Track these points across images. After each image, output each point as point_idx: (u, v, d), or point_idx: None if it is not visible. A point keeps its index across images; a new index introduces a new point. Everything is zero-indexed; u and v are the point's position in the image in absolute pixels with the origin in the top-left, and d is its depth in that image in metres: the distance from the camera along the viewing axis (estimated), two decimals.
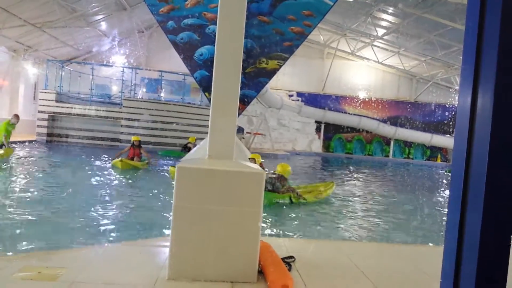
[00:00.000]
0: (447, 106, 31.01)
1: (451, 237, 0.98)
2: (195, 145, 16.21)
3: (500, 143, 0.91)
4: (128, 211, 7.66)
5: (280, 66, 7.35)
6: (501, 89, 0.92)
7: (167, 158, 16.86)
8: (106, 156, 14.62)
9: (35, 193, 8.58)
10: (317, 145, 29.69)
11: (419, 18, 20.97)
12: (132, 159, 12.78)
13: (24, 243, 5.12)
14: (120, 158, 12.40)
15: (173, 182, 10.50)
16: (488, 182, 0.91)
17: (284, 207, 8.92)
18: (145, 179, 11.67)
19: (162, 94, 23.61)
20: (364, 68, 31.52)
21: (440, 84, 30.82)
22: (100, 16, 22.39)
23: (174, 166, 11.68)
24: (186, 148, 16.93)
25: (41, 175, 11.01)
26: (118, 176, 11.38)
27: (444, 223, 8.30)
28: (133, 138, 13.46)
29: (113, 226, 6.48)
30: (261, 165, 9.76)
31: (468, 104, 0.98)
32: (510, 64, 0.93)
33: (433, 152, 30.48)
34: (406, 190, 14.60)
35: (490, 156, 0.91)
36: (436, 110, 31.19)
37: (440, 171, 24.25)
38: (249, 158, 9.44)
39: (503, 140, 0.91)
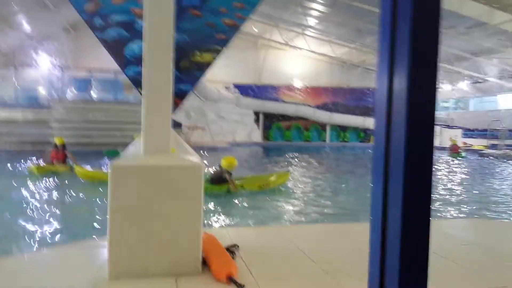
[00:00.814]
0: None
1: (376, 210, 1.04)
2: None
3: (416, 119, 0.97)
4: (54, 216, 7.32)
5: (215, 59, 7.29)
6: (414, 71, 0.98)
7: (102, 159, 16.17)
8: (32, 161, 13.57)
9: None
10: (256, 135, 29.96)
11: (348, 6, 21.66)
12: (52, 162, 11.87)
13: None
14: (36, 163, 11.51)
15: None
16: (407, 156, 0.97)
17: (223, 198, 9.00)
18: (68, 183, 10.83)
19: (93, 93, 22.69)
20: (298, 57, 32.14)
21: (369, 69, 32.09)
22: (22, 17, 21.09)
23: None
24: None
25: None
26: (40, 181, 10.65)
27: None
28: (56, 139, 12.42)
29: (41, 232, 6.20)
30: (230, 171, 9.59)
31: (385, 87, 1.04)
32: (421, 46, 0.99)
33: (367, 134, 31.79)
34: (343, 172, 15.14)
35: (407, 133, 0.97)
36: (367, 94, 32.50)
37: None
38: (220, 167, 9.38)
39: (418, 117, 0.97)
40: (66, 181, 10.89)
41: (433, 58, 0.98)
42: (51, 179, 10.88)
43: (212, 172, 9.76)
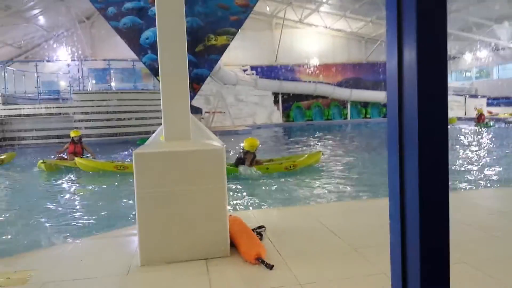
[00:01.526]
0: None
1: (393, 183, 1.05)
2: None
3: (427, 90, 0.97)
4: (83, 208, 7.42)
5: (230, 41, 7.25)
6: (422, 43, 0.98)
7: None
8: (40, 158, 12.69)
9: None
10: (277, 116, 29.86)
11: None
12: (65, 157, 11.73)
13: None
14: (43, 159, 11.33)
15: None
16: (420, 128, 0.97)
17: (250, 180, 9.04)
18: (76, 176, 10.66)
19: (112, 84, 22.90)
20: (314, 34, 31.68)
21: None
22: (37, 10, 21.33)
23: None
24: None
25: None
26: (50, 177, 10.52)
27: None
28: (71, 133, 12.22)
29: (76, 224, 6.34)
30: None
31: (395, 59, 1.04)
32: (428, 14, 0.98)
33: None
34: (367, 149, 15.02)
35: (419, 105, 0.97)
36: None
37: None
38: (244, 150, 9.41)
39: (430, 87, 0.97)
40: (75, 174, 10.77)
41: (442, 26, 0.97)
42: (61, 174, 10.77)
43: (237, 155, 9.82)
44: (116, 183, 9.27)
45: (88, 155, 12.14)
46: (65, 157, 11.87)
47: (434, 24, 0.96)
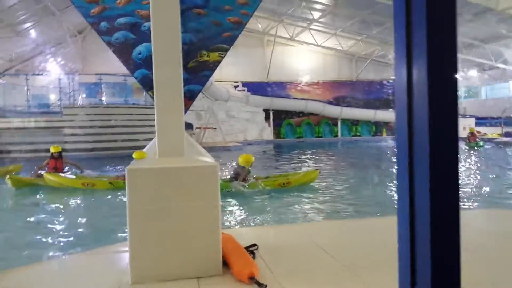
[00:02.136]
0: (386, 81, 32.17)
1: (403, 203, 1.02)
2: None
3: (437, 111, 0.95)
4: (58, 225, 7.23)
5: (222, 58, 7.25)
6: (433, 60, 0.96)
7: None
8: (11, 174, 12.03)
9: None
10: (268, 133, 29.91)
11: None
12: (40, 174, 11.26)
13: None
14: (9, 175, 10.92)
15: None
16: (432, 150, 0.95)
17: (243, 198, 8.97)
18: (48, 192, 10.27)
19: (103, 98, 22.81)
20: (305, 52, 31.98)
21: (378, 60, 31.83)
22: (29, 24, 21.29)
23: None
24: None
25: None
26: (21, 194, 10.22)
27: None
28: (51, 148, 11.90)
29: (63, 240, 6.19)
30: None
31: (404, 77, 1.02)
32: (439, 34, 0.96)
33: (378, 127, 31.52)
34: (359, 167, 15.04)
35: (430, 125, 0.95)
36: (377, 87, 32.25)
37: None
38: (240, 166, 9.38)
39: (440, 108, 0.95)
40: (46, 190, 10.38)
41: (452, 46, 0.96)
42: (37, 189, 10.45)
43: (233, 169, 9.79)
44: (91, 199, 9.10)
45: (67, 170, 11.86)
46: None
47: (444, 40, 0.94)
